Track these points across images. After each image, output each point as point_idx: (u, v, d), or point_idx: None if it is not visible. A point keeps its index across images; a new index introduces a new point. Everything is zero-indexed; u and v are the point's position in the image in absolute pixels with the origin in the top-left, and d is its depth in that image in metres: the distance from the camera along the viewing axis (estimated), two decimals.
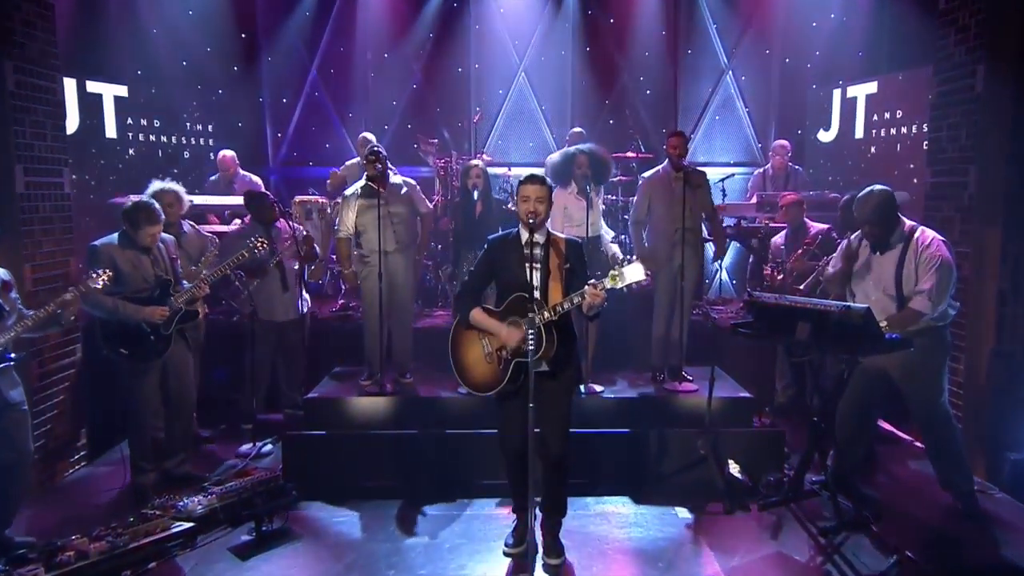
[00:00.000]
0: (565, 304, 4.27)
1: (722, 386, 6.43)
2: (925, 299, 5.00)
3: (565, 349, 4.44)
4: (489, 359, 4.51)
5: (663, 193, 6.59)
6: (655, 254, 6.53)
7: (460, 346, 4.62)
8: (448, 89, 10.87)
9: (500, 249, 4.53)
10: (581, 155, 6.67)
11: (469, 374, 4.57)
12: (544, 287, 4.38)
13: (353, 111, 10.86)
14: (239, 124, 10.23)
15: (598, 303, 4.21)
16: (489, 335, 4.50)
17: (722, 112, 10.87)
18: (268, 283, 6.66)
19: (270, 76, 10.73)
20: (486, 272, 4.59)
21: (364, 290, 6.54)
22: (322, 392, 6.57)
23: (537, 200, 4.39)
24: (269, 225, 6.68)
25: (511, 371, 4.42)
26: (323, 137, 10.86)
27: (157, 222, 5.49)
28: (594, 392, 6.41)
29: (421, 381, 6.68)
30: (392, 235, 6.35)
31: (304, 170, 10.72)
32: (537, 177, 4.46)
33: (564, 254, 4.44)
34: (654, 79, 10.76)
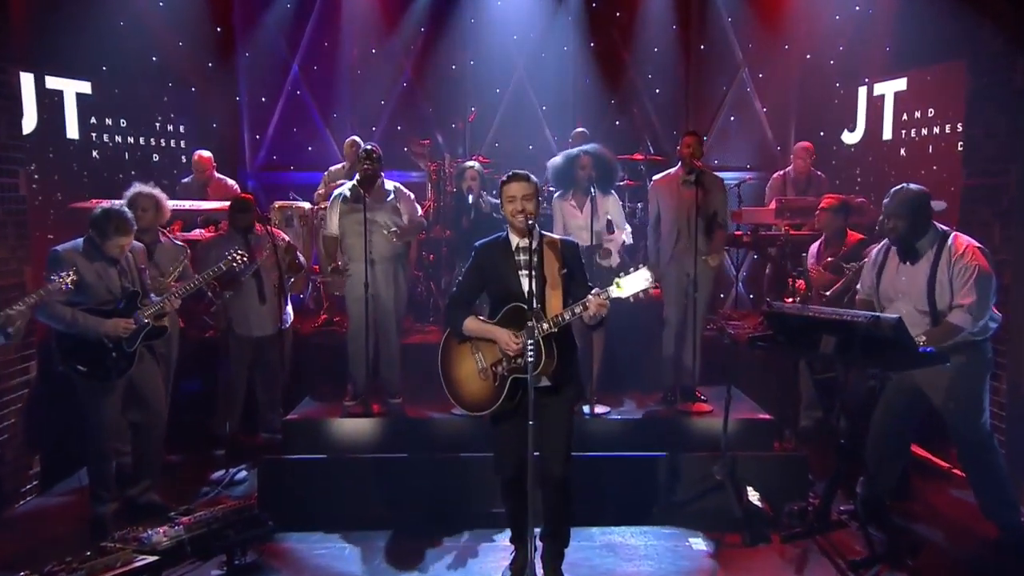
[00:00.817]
0: (566, 315, 4.24)
1: (739, 407, 6.41)
2: (965, 313, 4.94)
3: (566, 362, 4.41)
4: (483, 375, 4.46)
5: (668, 196, 6.61)
6: (661, 261, 6.53)
7: (451, 361, 4.57)
8: (441, 88, 10.87)
9: (489, 256, 4.50)
10: (584, 156, 6.69)
11: (461, 392, 4.52)
12: (541, 295, 4.34)
13: (338, 111, 10.86)
14: (213, 125, 10.22)
15: (602, 313, 4.17)
16: (483, 349, 4.46)
17: (737, 112, 10.87)
18: (243, 294, 6.63)
19: (248, 73, 10.72)
20: (476, 281, 4.56)
21: (348, 302, 6.52)
22: (303, 413, 6.53)
23: (524, 199, 4.37)
24: (247, 232, 6.66)
25: (508, 388, 4.38)
26: (305, 139, 10.86)
27: (128, 233, 5.44)
28: (599, 413, 6.38)
29: (411, 401, 6.65)
30: (379, 246, 6.34)
31: (284, 175, 10.69)
32: (519, 174, 4.44)
33: (561, 258, 4.40)
34: (664, 77, 10.76)
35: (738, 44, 10.79)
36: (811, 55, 10.41)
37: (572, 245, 4.54)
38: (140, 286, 5.62)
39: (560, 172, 6.81)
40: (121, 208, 5.52)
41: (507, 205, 4.40)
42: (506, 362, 4.37)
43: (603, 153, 6.80)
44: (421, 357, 6.86)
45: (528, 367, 4.00)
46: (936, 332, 4.99)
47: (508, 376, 4.38)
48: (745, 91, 10.85)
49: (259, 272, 6.64)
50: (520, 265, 4.41)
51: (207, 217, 8.07)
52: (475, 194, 6.79)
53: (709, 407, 6.50)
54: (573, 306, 4.22)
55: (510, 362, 4.36)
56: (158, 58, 9.45)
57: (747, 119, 10.85)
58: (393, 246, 6.47)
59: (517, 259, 4.42)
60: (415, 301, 8.47)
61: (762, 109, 10.81)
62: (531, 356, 4.03)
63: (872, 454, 5.36)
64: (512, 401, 4.40)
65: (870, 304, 5.33)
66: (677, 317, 6.66)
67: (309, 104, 10.85)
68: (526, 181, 4.41)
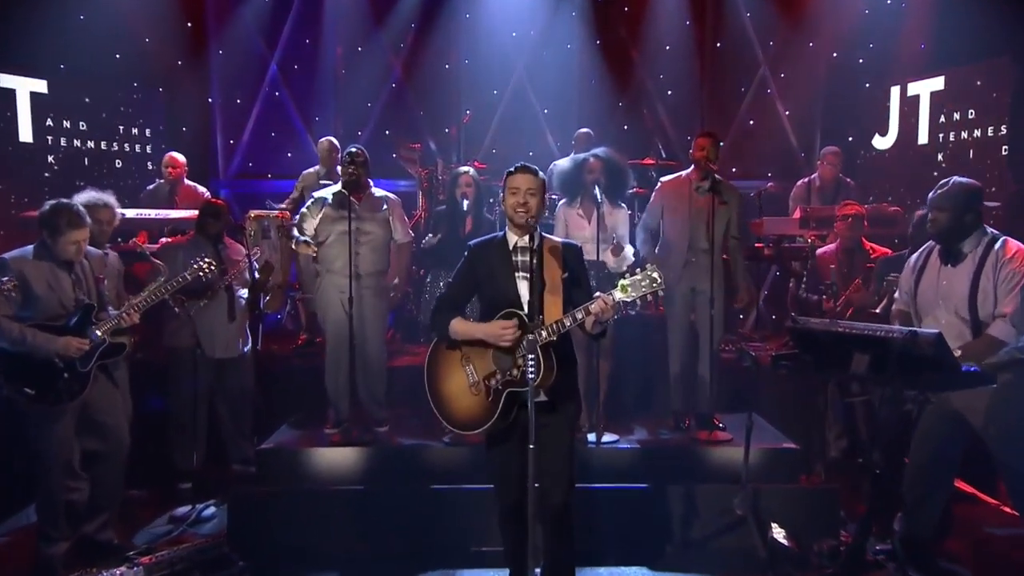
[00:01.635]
0: (567, 321, 4.18)
1: (762, 435, 6.37)
2: (1006, 325, 4.87)
3: (566, 376, 4.34)
4: (475, 389, 4.39)
5: (677, 201, 6.59)
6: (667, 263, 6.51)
7: (439, 374, 4.50)
8: (433, 89, 10.93)
9: (483, 256, 4.47)
10: (594, 159, 6.68)
11: (451, 409, 4.45)
12: (539, 301, 4.29)
13: (320, 115, 10.89)
14: (183, 129, 10.22)
15: (606, 317, 4.12)
16: (475, 361, 4.40)
17: (757, 115, 10.90)
18: (212, 309, 6.57)
19: (221, 72, 10.77)
20: (467, 283, 4.52)
21: (327, 319, 6.50)
22: (278, 443, 6.50)
23: (528, 192, 4.35)
24: (217, 242, 6.63)
25: (503, 403, 4.31)
26: (284, 145, 10.90)
27: (82, 227, 5.36)
28: (606, 442, 6.33)
29: (398, 429, 6.62)
30: (354, 259, 6.31)
31: (261, 184, 10.73)
32: (528, 167, 4.43)
33: (562, 261, 4.37)
34: (677, 77, 10.81)
35: (758, 41, 10.84)
36: (838, 53, 10.44)
37: (575, 249, 4.52)
38: (96, 298, 5.54)
39: (567, 177, 6.79)
40: (71, 202, 5.45)
41: (509, 198, 4.38)
42: (500, 375, 4.31)
43: (614, 158, 6.77)
44: (409, 380, 6.91)
45: (529, 379, 3.93)
46: (975, 346, 4.91)
47: (503, 390, 4.31)
48: (765, 92, 10.88)
49: (231, 287, 6.60)
50: (518, 267, 4.37)
51: (175, 227, 8.02)
52: (470, 202, 6.74)
53: (728, 435, 6.45)
54: (574, 311, 4.17)
55: (504, 375, 4.30)
56: (122, 55, 9.47)
57: (768, 123, 10.86)
58: (378, 261, 6.47)
59: (515, 260, 4.38)
60: (403, 319, 8.43)
61: (784, 112, 10.83)
62: (532, 371, 3.96)
63: (910, 487, 5.27)
64: (507, 418, 4.34)
65: (907, 317, 5.26)
66: (683, 336, 6.65)
67: (288, 106, 10.89)
68: (533, 175, 4.40)
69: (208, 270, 5.96)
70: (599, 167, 6.62)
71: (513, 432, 4.36)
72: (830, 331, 4.95)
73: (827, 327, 5.03)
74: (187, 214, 7.96)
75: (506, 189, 4.43)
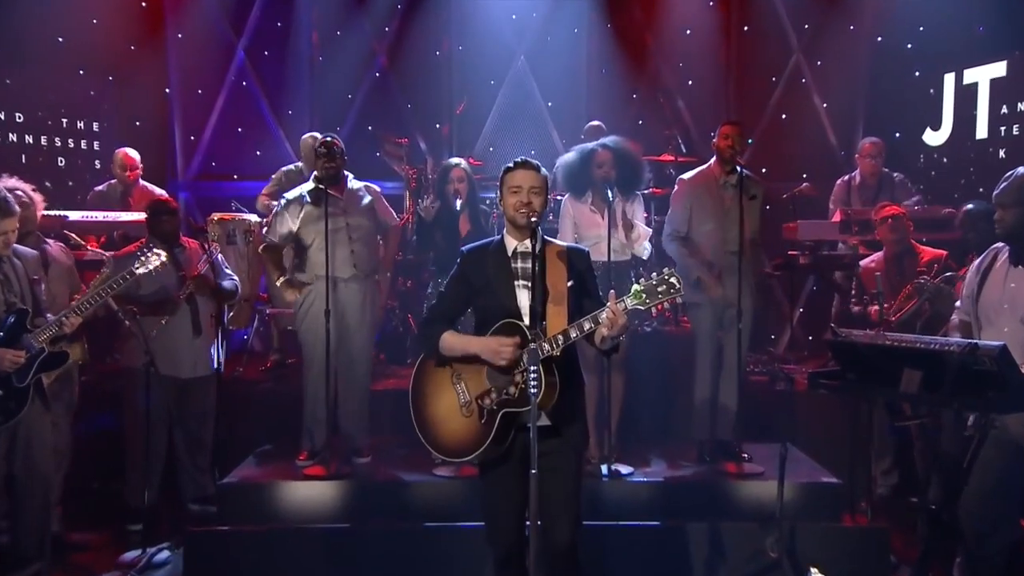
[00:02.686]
0: (572, 332, 4.17)
1: (798, 468, 6.39)
2: None
3: (571, 397, 4.34)
4: (466, 410, 4.37)
5: (707, 200, 6.61)
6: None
7: (426, 394, 4.49)
8: (422, 79, 10.91)
9: (478, 262, 4.48)
10: (603, 151, 6.69)
11: (439, 433, 4.43)
12: (540, 312, 4.27)
13: (294, 107, 10.87)
14: (136, 123, 10.21)
15: (617, 329, 4.09)
16: (466, 379, 4.39)
17: (791, 108, 10.85)
18: (175, 323, 6.57)
19: (180, 59, 10.73)
20: (460, 293, 4.52)
21: (302, 333, 6.50)
22: (243, 476, 6.49)
23: (532, 191, 4.35)
24: (172, 243, 6.62)
25: (498, 426, 4.29)
26: (252, 142, 10.85)
27: (10, 215, 5.33)
28: (620, 474, 6.33)
29: (382, 460, 6.65)
30: (349, 256, 6.37)
31: (225, 186, 10.65)
32: (529, 162, 4.45)
33: (567, 267, 4.37)
34: (698, 64, 10.79)
35: (791, 25, 10.82)
36: (883, 37, 10.42)
37: (582, 254, 4.53)
38: (32, 302, 5.50)
39: (573, 172, 6.78)
40: None
41: (509, 197, 4.39)
42: (495, 393, 4.29)
43: (626, 148, 6.79)
44: (395, 406, 6.96)
45: (530, 396, 3.92)
46: None
47: (498, 411, 4.29)
48: (800, 82, 10.85)
49: (194, 297, 6.60)
50: (517, 274, 4.37)
51: (126, 233, 8.00)
52: (463, 199, 6.72)
53: (759, 468, 6.45)
54: (581, 321, 4.15)
55: (500, 393, 4.28)
56: (66, 38, 9.47)
57: (803, 117, 10.80)
58: (367, 261, 6.52)
59: (514, 267, 4.38)
60: (389, 337, 8.43)
61: (822, 105, 10.80)
62: (534, 385, 3.94)
63: (971, 526, 5.22)
64: (502, 443, 4.31)
65: (968, 329, 5.24)
66: (712, 356, 6.66)
67: (258, 98, 10.87)
68: (536, 171, 4.42)
69: (160, 263, 5.94)
70: (609, 159, 6.62)
71: (510, 460, 4.34)
72: (876, 345, 4.93)
73: (873, 340, 5.01)
74: (140, 217, 7.87)
75: (505, 188, 4.44)
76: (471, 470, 6.19)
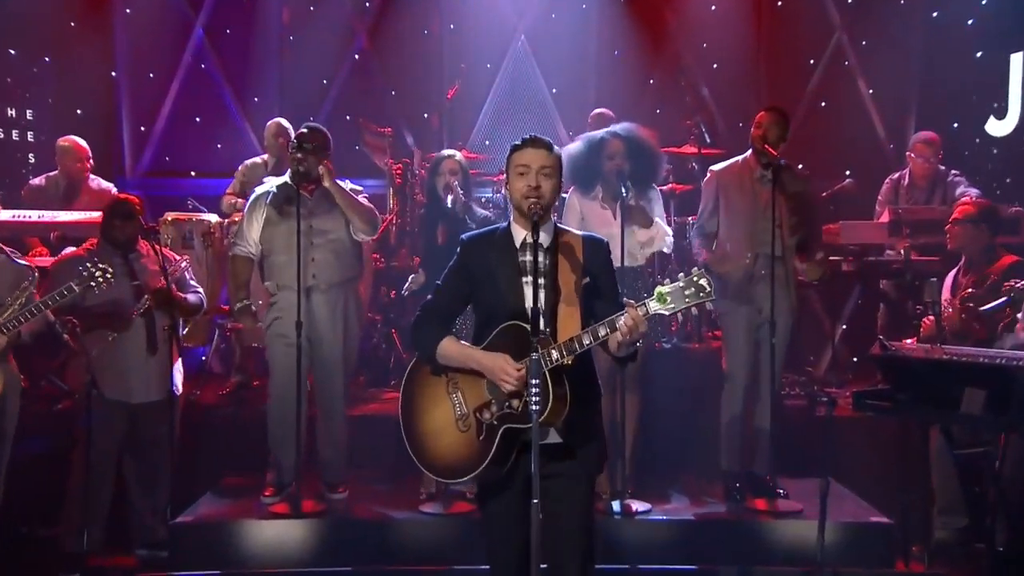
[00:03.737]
0: (585, 339, 4.12)
1: (841, 506, 6.37)
2: None
3: (584, 412, 4.29)
4: (463, 424, 4.34)
5: (739, 195, 6.62)
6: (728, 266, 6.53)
7: (418, 403, 4.46)
8: (408, 61, 10.94)
9: (481, 254, 4.42)
10: (614, 140, 6.69)
11: (431, 448, 4.40)
12: (551, 313, 4.26)
13: (260, 93, 10.90)
14: (78, 111, 10.24)
15: (637, 335, 4.05)
16: (464, 388, 4.36)
17: (831, 95, 10.87)
18: (126, 341, 6.53)
19: (129, 38, 10.74)
20: (460, 288, 4.47)
21: (271, 351, 6.52)
22: (200, 515, 6.50)
23: (541, 173, 4.29)
24: (128, 250, 6.61)
25: (498, 443, 4.25)
26: (212, 133, 10.88)
27: None
28: (636, 511, 6.32)
29: (360, 496, 6.66)
30: (308, 265, 6.35)
31: (181, 184, 10.68)
32: (540, 139, 4.37)
33: (582, 261, 4.33)
34: (725, 46, 10.81)
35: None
36: (939, 12, 10.43)
37: (600, 245, 4.46)
38: None
39: (579, 164, 6.77)
40: None
41: (516, 181, 4.32)
42: (496, 406, 4.26)
43: (640, 137, 6.79)
44: (376, 433, 6.98)
45: (532, 413, 3.88)
46: None
47: (498, 426, 4.25)
48: (842, 65, 10.87)
49: (151, 311, 6.55)
50: (525, 269, 4.31)
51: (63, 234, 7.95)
52: (455, 195, 6.70)
53: (797, 505, 6.44)
54: (596, 326, 4.11)
55: (501, 406, 4.24)
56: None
57: (846, 104, 10.82)
58: (343, 268, 6.52)
59: (522, 260, 4.33)
60: (370, 355, 8.45)
61: (868, 91, 10.81)
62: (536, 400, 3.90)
63: None
64: (503, 464, 4.26)
65: None
66: (746, 373, 6.63)
67: (219, 83, 10.90)
68: (547, 149, 4.33)
69: (103, 279, 5.91)
70: (621, 149, 6.63)
71: (513, 485, 4.29)
72: (932, 359, 4.93)
73: (928, 354, 5.01)
74: (83, 217, 7.93)
75: (511, 170, 4.37)
76: (462, 506, 6.28)
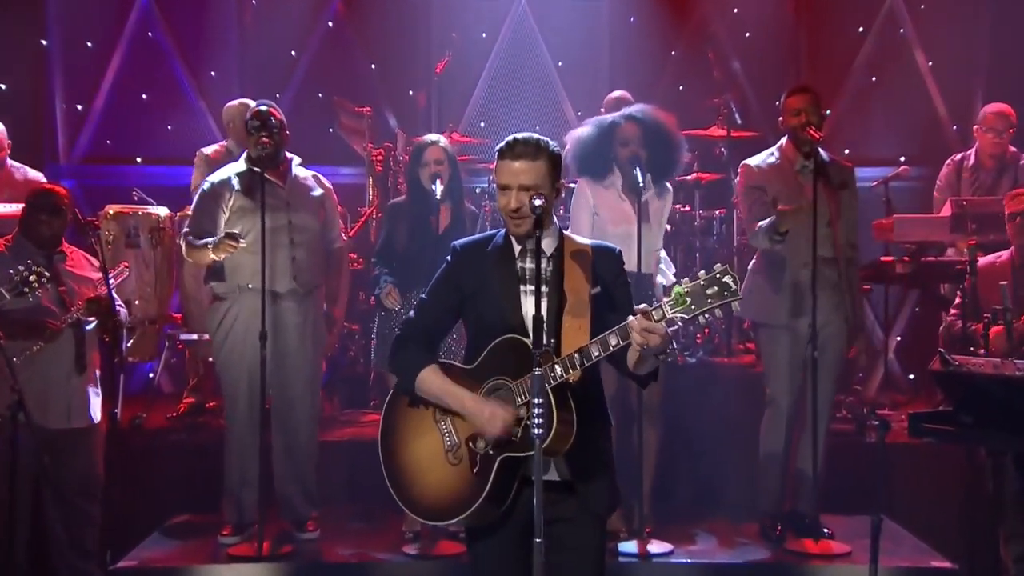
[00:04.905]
0: (593, 351, 4.09)
1: (897, 547, 6.40)
2: None
3: (592, 439, 4.27)
4: (454, 456, 4.32)
5: (783, 191, 6.57)
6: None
7: (401, 431, 4.46)
8: (391, 29, 10.94)
9: (475, 262, 4.42)
10: (629, 123, 6.71)
11: (417, 485, 4.39)
12: (555, 324, 4.24)
13: (218, 67, 10.91)
14: (1, 87, 10.28)
15: (654, 345, 4.00)
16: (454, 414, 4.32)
17: (883, 69, 10.91)
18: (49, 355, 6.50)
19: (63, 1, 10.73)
20: (449, 302, 4.47)
21: (223, 363, 6.54)
22: (146, 559, 6.52)
23: (522, 189, 4.23)
24: (53, 249, 6.59)
25: (495, 475, 4.22)
26: (162, 113, 10.87)
27: None
28: (656, 554, 6.31)
29: (333, 535, 6.68)
30: (289, 265, 6.42)
31: (125, 172, 10.72)
32: (521, 146, 4.27)
33: (591, 270, 4.31)
34: (759, 12, 10.84)
35: None
36: None
37: (612, 255, 4.45)
38: None
39: (588, 151, 6.80)
40: None
41: (499, 196, 4.31)
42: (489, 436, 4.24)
43: (659, 121, 6.80)
44: (352, 462, 7.08)
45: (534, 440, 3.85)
46: None
47: (494, 456, 4.21)
48: (896, 34, 10.89)
49: (80, 322, 6.54)
50: (525, 278, 4.30)
51: None
52: (445, 186, 6.68)
53: (845, 547, 6.43)
54: (606, 335, 4.07)
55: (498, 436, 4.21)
56: None
57: (900, 79, 10.85)
58: (310, 273, 6.56)
59: (520, 267, 4.32)
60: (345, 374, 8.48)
61: (926, 63, 10.81)
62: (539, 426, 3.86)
63: None
64: (501, 500, 4.24)
65: None
66: (791, 399, 6.62)
67: (169, 55, 10.89)
68: (530, 159, 4.23)
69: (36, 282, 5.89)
70: (636, 134, 6.64)
71: (511, 525, 4.26)
72: (1002, 376, 4.90)
73: (997, 369, 4.97)
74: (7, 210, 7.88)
75: (497, 181, 4.39)
76: (450, 547, 6.31)
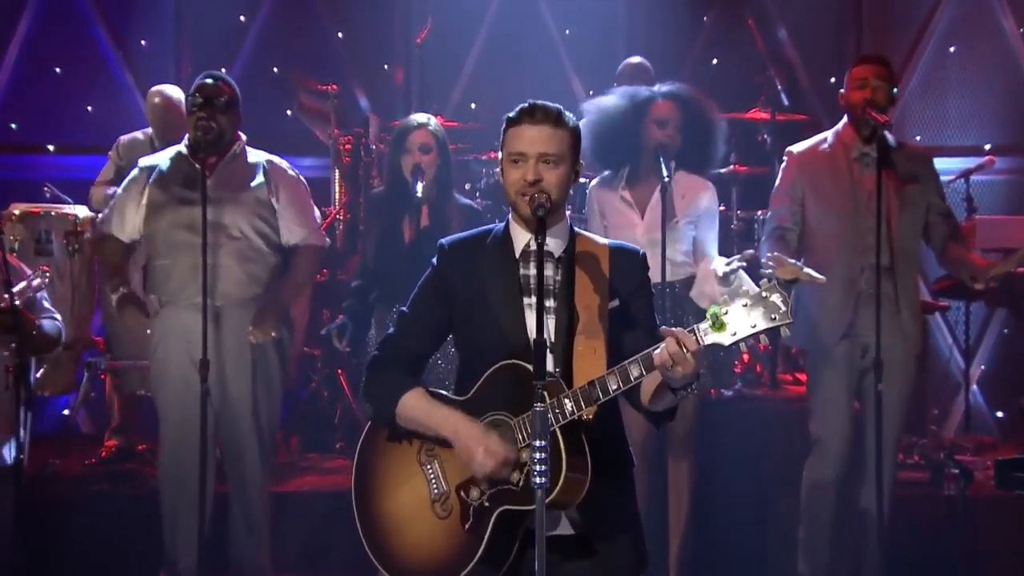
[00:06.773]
0: (611, 382, 4.11)
1: None
2: None
3: (610, 489, 4.29)
4: (442, 508, 4.34)
5: (833, 184, 6.63)
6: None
7: (379, 478, 4.48)
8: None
9: (467, 266, 4.43)
10: (668, 102, 6.76)
11: (398, 542, 4.41)
12: (565, 351, 4.29)
13: (149, 33, 11.01)
14: None
15: (684, 375, 4.08)
16: (442, 455, 4.40)
17: (962, 40, 10.97)
18: None
19: None
20: (435, 314, 4.48)
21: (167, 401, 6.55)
22: None
23: (542, 159, 4.28)
24: None
25: (490, 534, 4.26)
26: (80, 90, 10.98)
27: None
28: None
29: None
30: (226, 275, 6.43)
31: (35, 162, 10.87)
32: (541, 111, 4.28)
33: (608, 278, 4.35)
34: None
35: None
36: None
37: (634, 257, 4.45)
38: None
39: (614, 127, 6.78)
40: None
41: (508, 170, 4.27)
42: (486, 483, 4.31)
43: (702, 104, 6.89)
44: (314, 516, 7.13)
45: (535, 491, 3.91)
46: None
47: (491, 508, 4.28)
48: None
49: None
50: (528, 287, 4.31)
51: None
52: (428, 180, 6.72)
53: None
54: (627, 364, 4.13)
55: (493, 482, 4.29)
56: None
57: (984, 51, 10.93)
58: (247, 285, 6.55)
59: (524, 274, 4.33)
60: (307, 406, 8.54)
61: (1017, 30, 10.88)
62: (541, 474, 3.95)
63: None
64: (499, 563, 4.25)
65: None
66: (842, 438, 6.64)
67: (89, 18, 10.98)
68: (551, 125, 4.24)
69: None
70: (676, 115, 6.69)
71: None
72: None
73: None
74: None
75: (504, 153, 4.37)
76: None
